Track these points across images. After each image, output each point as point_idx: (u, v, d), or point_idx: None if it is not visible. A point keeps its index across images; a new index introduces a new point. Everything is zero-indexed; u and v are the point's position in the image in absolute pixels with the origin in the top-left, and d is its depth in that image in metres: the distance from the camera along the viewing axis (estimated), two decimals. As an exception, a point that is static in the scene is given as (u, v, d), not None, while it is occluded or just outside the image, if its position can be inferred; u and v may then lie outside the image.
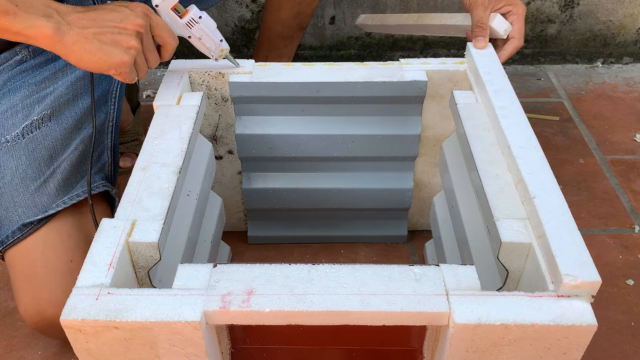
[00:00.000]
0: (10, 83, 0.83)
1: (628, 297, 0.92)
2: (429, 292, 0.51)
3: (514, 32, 0.86)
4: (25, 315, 0.75)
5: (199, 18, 0.75)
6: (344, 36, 1.46)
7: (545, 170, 0.61)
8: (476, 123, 0.72)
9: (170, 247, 0.64)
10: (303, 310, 0.50)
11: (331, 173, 0.92)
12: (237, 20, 1.44)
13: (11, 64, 0.83)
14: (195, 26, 0.75)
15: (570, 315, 0.49)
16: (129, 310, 0.49)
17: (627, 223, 1.05)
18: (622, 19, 1.44)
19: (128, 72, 0.68)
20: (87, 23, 0.66)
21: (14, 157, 0.78)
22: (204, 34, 0.76)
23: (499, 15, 0.85)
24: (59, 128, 0.80)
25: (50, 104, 0.81)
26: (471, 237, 0.70)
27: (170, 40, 0.72)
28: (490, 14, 0.85)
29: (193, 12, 0.74)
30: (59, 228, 0.76)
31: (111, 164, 0.86)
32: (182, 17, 0.74)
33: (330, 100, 0.83)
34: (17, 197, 0.76)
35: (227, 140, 0.90)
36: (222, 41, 0.79)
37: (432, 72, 0.82)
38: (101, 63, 0.66)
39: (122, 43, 0.66)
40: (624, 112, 1.33)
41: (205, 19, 0.76)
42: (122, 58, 0.66)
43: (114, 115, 0.88)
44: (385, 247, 1.01)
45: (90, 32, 0.66)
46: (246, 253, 1.00)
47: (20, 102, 0.81)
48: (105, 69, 0.67)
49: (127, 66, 0.67)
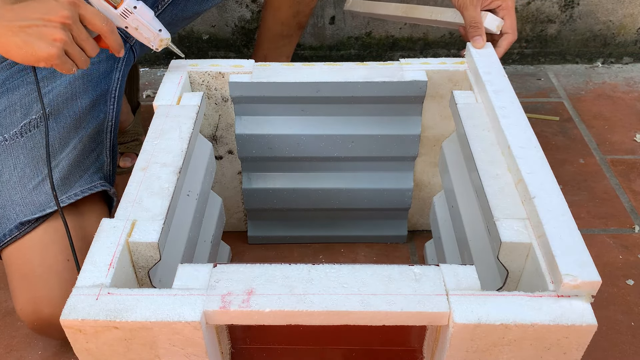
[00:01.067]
0: (9, 82, 0.83)
1: (628, 297, 0.92)
2: (429, 292, 0.51)
3: (507, 27, 0.86)
4: (21, 314, 0.74)
5: (133, 8, 0.74)
6: (344, 36, 1.46)
7: (545, 170, 0.61)
8: (476, 123, 0.72)
9: (170, 247, 0.64)
10: (303, 310, 0.50)
11: (331, 173, 0.92)
12: (237, 20, 1.44)
13: (10, 63, 0.84)
14: (130, 16, 0.74)
15: (570, 315, 0.49)
16: (129, 310, 0.49)
17: (627, 223, 1.05)
18: (622, 19, 1.44)
19: (59, 63, 0.67)
20: (14, 16, 0.66)
21: (12, 156, 0.78)
22: (140, 24, 0.75)
23: (489, 14, 0.85)
24: (58, 127, 0.80)
25: (48, 103, 0.81)
26: (471, 237, 0.70)
27: (103, 26, 0.70)
28: (480, 12, 0.85)
29: (127, 3, 0.73)
30: (57, 227, 0.76)
31: (109, 163, 0.86)
32: (117, 7, 0.73)
33: (330, 100, 0.83)
34: (15, 195, 0.76)
35: (227, 140, 0.90)
36: (161, 31, 0.77)
37: (432, 72, 0.82)
38: (28, 56, 0.65)
39: (47, 35, 0.65)
40: (624, 112, 1.33)
41: (140, 8, 0.74)
42: (48, 51, 0.65)
43: (113, 115, 0.88)
44: (385, 247, 1.01)
45: (16, 25, 0.65)
46: (246, 253, 1.00)
47: (19, 101, 0.81)
48: (33, 61, 0.66)
49: (56, 58, 0.66)
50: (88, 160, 0.82)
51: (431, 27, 1.44)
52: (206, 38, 1.47)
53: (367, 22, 1.43)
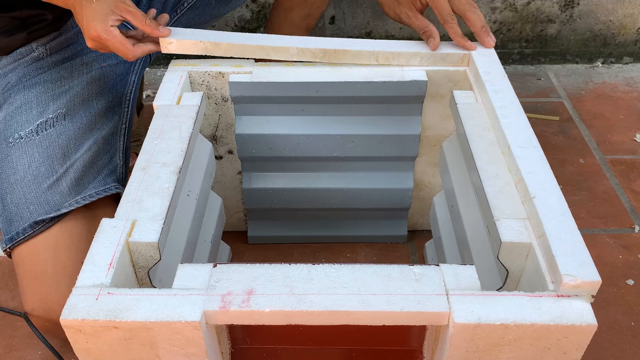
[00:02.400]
0: (26, 79, 0.83)
1: (628, 297, 0.92)
2: (429, 292, 0.51)
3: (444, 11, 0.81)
4: (32, 315, 0.74)
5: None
6: (344, 36, 1.46)
7: (545, 170, 0.61)
8: (476, 123, 0.72)
9: (170, 247, 0.64)
10: (303, 310, 0.50)
11: (331, 173, 0.92)
12: (237, 20, 1.44)
13: (27, 61, 0.84)
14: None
15: (570, 315, 0.49)
16: (129, 310, 0.49)
17: (627, 223, 1.05)
18: (622, 19, 1.44)
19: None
20: None
21: (27, 154, 0.78)
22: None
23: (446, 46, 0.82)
24: (73, 127, 0.80)
25: (65, 103, 0.81)
26: (471, 237, 0.70)
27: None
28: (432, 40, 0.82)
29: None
30: (71, 229, 0.75)
31: (122, 166, 0.86)
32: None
33: (330, 100, 0.83)
34: (29, 194, 0.76)
35: (227, 140, 0.90)
36: None
37: (432, 72, 0.82)
38: None
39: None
40: (624, 112, 1.33)
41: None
42: None
43: (127, 118, 0.88)
44: (385, 247, 1.01)
45: None
46: (246, 253, 1.00)
47: (35, 99, 0.81)
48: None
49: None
50: (102, 162, 0.82)
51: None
52: (206, 38, 1.47)
53: (367, 22, 1.43)
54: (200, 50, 0.79)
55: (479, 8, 0.84)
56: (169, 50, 0.78)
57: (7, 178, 0.77)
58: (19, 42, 0.84)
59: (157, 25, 0.75)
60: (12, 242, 0.75)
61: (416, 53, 0.81)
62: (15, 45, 0.84)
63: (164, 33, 0.76)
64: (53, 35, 0.86)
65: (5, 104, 0.83)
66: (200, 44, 0.78)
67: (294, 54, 0.80)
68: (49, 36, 0.86)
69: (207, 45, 0.78)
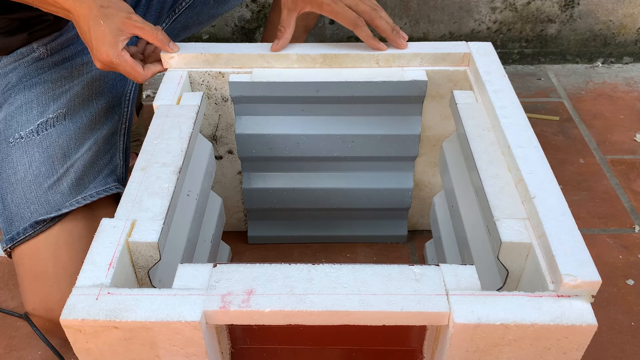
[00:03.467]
0: (26, 79, 0.83)
1: (628, 297, 0.92)
2: (429, 292, 0.51)
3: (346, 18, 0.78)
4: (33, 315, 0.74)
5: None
6: (344, 36, 1.46)
7: (545, 170, 0.61)
8: (476, 123, 0.72)
9: (170, 247, 0.64)
10: (303, 310, 0.50)
11: (331, 173, 0.92)
12: (237, 20, 1.44)
13: (27, 61, 0.84)
14: None
15: (570, 315, 0.49)
16: (128, 310, 0.49)
17: (627, 223, 1.05)
18: (622, 19, 1.44)
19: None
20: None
21: (27, 154, 0.78)
22: None
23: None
24: (74, 127, 0.80)
25: (65, 103, 0.81)
26: (471, 237, 0.70)
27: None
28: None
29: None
30: (71, 228, 0.75)
31: (122, 166, 0.86)
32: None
33: (330, 100, 0.83)
34: (30, 193, 0.76)
35: (227, 140, 0.90)
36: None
37: (432, 72, 0.82)
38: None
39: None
40: (624, 112, 1.33)
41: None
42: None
43: (127, 117, 0.88)
44: (385, 247, 1.01)
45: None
46: (246, 253, 1.00)
47: (35, 99, 0.81)
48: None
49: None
50: (102, 162, 0.82)
51: (431, 27, 1.44)
52: (206, 38, 1.47)
53: (367, 22, 1.43)
54: (202, 62, 0.81)
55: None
56: (170, 65, 0.80)
57: (8, 178, 0.77)
58: (20, 42, 0.84)
59: (168, 40, 0.76)
60: (12, 242, 0.75)
61: (416, 54, 0.82)
62: (16, 45, 0.84)
63: (173, 50, 0.77)
64: (54, 35, 0.86)
65: (5, 104, 0.83)
66: (201, 57, 0.80)
67: (295, 61, 0.82)
68: (50, 36, 0.86)
69: (208, 57, 0.80)
